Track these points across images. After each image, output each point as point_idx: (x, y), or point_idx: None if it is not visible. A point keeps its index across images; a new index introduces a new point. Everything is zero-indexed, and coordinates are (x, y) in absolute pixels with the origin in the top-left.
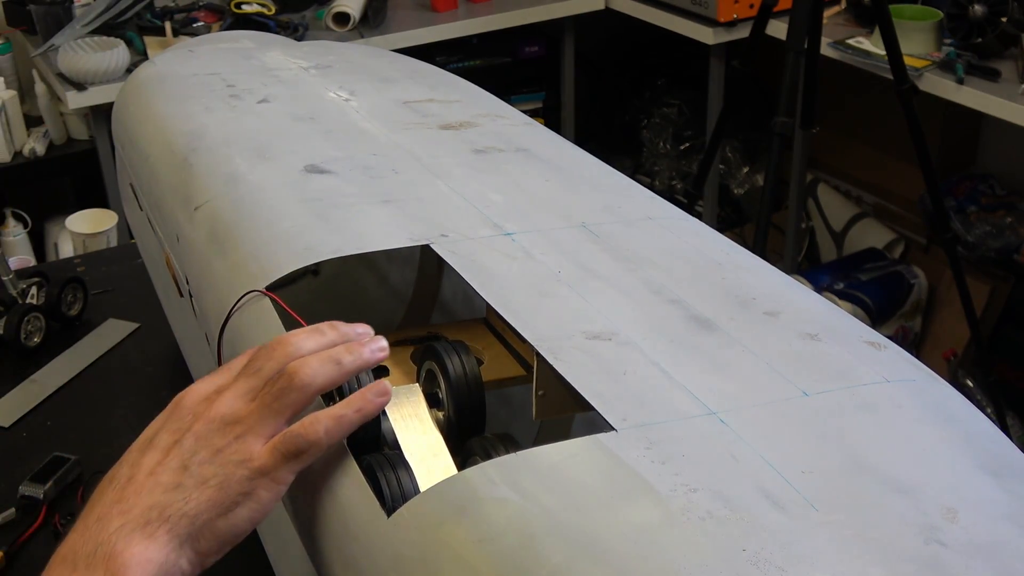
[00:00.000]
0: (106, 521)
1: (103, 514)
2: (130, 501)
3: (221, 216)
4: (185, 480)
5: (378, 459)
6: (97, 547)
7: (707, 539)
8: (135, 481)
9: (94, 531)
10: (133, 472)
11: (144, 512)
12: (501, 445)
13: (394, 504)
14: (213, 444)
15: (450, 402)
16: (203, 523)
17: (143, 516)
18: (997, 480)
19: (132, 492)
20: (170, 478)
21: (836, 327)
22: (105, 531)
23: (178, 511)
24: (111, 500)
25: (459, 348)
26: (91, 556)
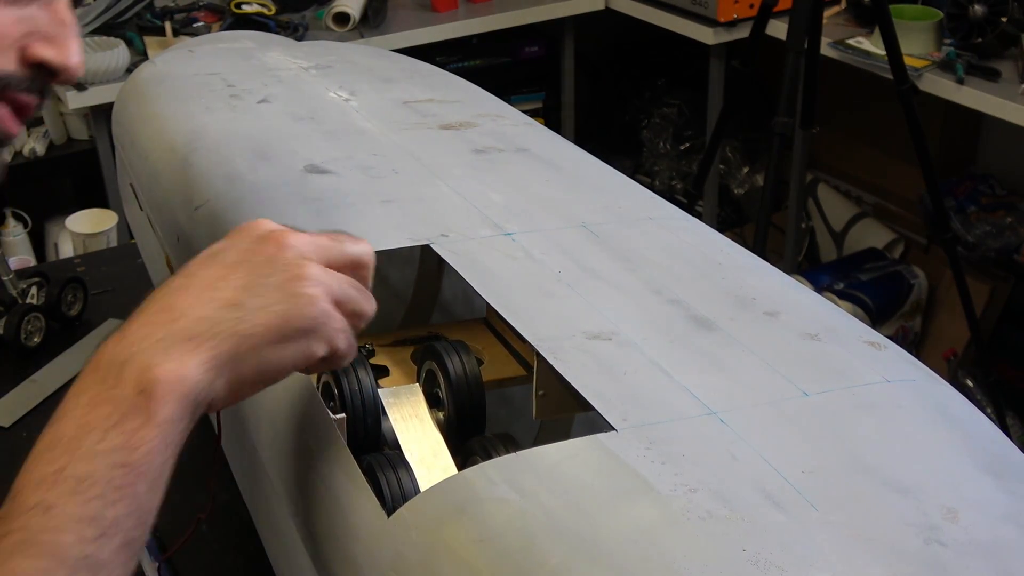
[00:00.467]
0: (148, 329)
1: (146, 322)
2: (178, 310)
3: (221, 216)
4: (247, 300)
5: (378, 459)
6: (131, 356)
7: (707, 539)
8: (188, 290)
9: (133, 339)
10: (188, 282)
11: (191, 324)
12: (501, 445)
13: (394, 504)
14: (288, 272)
15: (450, 402)
16: (251, 347)
17: (189, 329)
18: (997, 480)
19: (183, 301)
20: (230, 295)
21: (836, 327)
22: (145, 341)
23: (229, 329)
24: (157, 308)
25: (459, 348)
26: (123, 366)
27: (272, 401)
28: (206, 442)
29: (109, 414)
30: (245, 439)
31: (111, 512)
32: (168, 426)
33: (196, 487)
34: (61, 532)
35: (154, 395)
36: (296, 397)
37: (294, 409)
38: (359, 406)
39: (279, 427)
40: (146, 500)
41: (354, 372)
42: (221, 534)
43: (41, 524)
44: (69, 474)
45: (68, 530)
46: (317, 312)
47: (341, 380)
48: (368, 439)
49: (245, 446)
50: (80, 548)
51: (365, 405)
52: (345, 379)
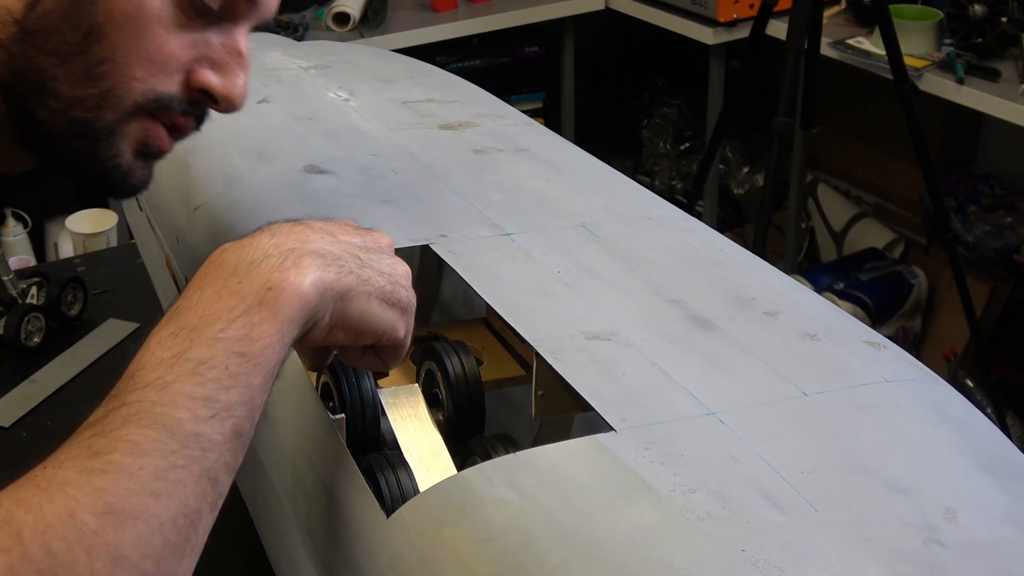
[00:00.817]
0: (279, 240)
1: (275, 236)
2: (309, 236)
3: (221, 216)
4: (364, 256)
5: (378, 459)
6: (264, 257)
7: (706, 539)
8: (313, 228)
9: (263, 245)
10: (310, 224)
11: (321, 249)
12: (500, 445)
13: (393, 504)
14: (391, 256)
15: (450, 403)
16: (364, 292)
17: (320, 251)
18: (996, 480)
19: (312, 233)
20: (351, 248)
21: (836, 327)
22: (277, 248)
23: (350, 268)
24: (286, 230)
25: (459, 348)
26: (253, 264)
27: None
28: None
29: (234, 306)
30: None
31: (225, 397)
32: (287, 326)
33: None
34: (176, 407)
35: (282, 292)
36: (295, 397)
37: (294, 409)
38: (358, 406)
39: (279, 427)
40: (258, 394)
41: (353, 372)
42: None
43: (157, 398)
44: (188, 357)
45: (183, 406)
46: (412, 299)
47: (340, 380)
48: (367, 439)
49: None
50: (193, 425)
51: (364, 405)
52: (344, 379)
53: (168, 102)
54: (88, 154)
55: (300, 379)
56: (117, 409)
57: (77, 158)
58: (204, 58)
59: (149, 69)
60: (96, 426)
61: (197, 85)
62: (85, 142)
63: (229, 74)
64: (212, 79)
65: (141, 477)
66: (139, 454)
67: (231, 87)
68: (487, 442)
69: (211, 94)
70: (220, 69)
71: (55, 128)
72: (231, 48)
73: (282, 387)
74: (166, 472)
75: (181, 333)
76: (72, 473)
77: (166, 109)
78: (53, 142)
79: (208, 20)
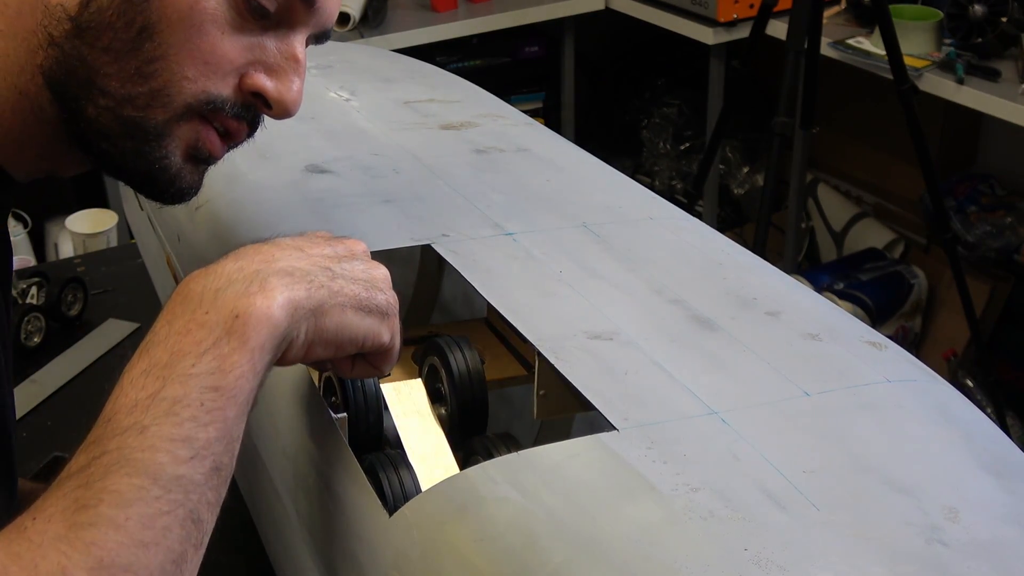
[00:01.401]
0: (243, 263)
1: (240, 260)
2: (273, 257)
3: (222, 216)
4: (335, 268)
5: (380, 458)
6: (229, 284)
7: (709, 538)
8: (280, 245)
9: (227, 271)
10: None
11: (288, 267)
12: (503, 445)
13: (396, 503)
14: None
15: (452, 397)
16: (338, 304)
17: (287, 269)
18: (998, 480)
19: (276, 253)
20: (320, 261)
21: (837, 327)
22: (241, 272)
23: (320, 282)
24: (250, 252)
25: (461, 343)
26: (218, 293)
27: (273, 400)
28: None
29: (203, 339)
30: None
31: (203, 434)
32: (258, 353)
33: None
34: (156, 451)
35: (250, 319)
36: (297, 396)
37: (295, 408)
38: (361, 403)
39: (280, 426)
40: (234, 426)
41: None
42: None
43: (136, 443)
44: (163, 397)
45: (162, 449)
46: (392, 300)
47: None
48: (369, 438)
49: (245, 445)
50: (174, 468)
51: (367, 403)
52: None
53: (220, 104)
54: (136, 154)
55: (302, 377)
56: (99, 458)
57: (125, 158)
58: (259, 62)
59: (201, 69)
60: (79, 476)
61: (250, 89)
62: (134, 142)
63: (284, 79)
64: (266, 83)
65: (129, 528)
66: (124, 504)
67: (285, 92)
68: (489, 441)
69: (265, 98)
70: (275, 74)
71: (104, 127)
72: (287, 53)
73: (284, 386)
74: (152, 520)
75: (153, 371)
76: (62, 528)
77: (218, 112)
78: (102, 140)
79: (265, 24)
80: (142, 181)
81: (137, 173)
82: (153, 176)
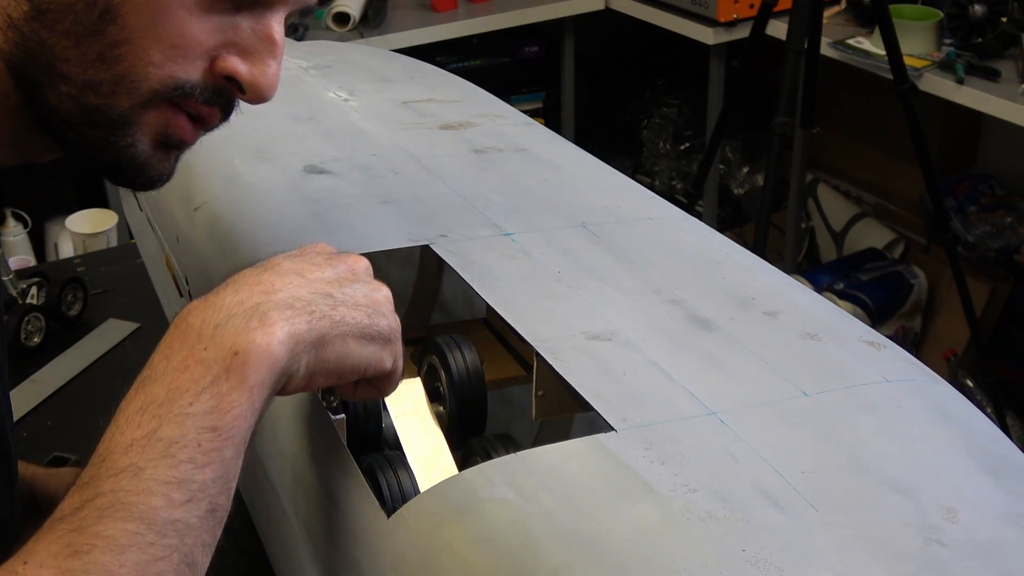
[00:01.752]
0: (243, 296)
1: (240, 291)
2: (273, 286)
3: (221, 216)
4: (337, 294)
5: (378, 460)
6: (228, 319)
7: (707, 539)
8: (278, 273)
9: (227, 304)
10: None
11: (288, 298)
12: (501, 445)
13: (394, 504)
14: (370, 284)
15: (451, 397)
16: (340, 334)
17: (286, 301)
18: (997, 480)
19: (276, 280)
20: (321, 287)
21: (836, 327)
22: (241, 306)
23: (322, 312)
24: (250, 282)
25: (461, 342)
26: (218, 328)
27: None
28: None
29: (201, 376)
30: None
31: (200, 476)
32: (257, 391)
33: None
34: (151, 495)
35: (250, 357)
36: (296, 398)
37: (294, 410)
38: (359, 406)
39: (279, 427)
40: (231, 466)
41: None
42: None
43: (131, 487)
44: (159, 437)
45: (158, 493)
46: (395, 324)
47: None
48: (368, 439)
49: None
50: (169, 512)
51: (366, 405)
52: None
53: (189, 90)
54: (102, 143)
55: None
56: (92, 500)
57: (91, 147)
58: (232, 44)
59: (168, 54)
60: (72, 519)
61: (222, 72)
62: (99, 130)
63: (259, 62)
64: (239, 66)
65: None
66: (118, 551)
67: (259, 75)
68: (487, 442)
69: (238, 82)
70: (249, 56)
71: (67, 115)
72: (263, 34)
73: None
74: (147, 566)
75: (150, 408)
76: (54, 574)
77: (187, 97)
78: (67, 129)
79: (238, 3)
80: (110, 170)
81: (104, 162)
82: (121, 165)
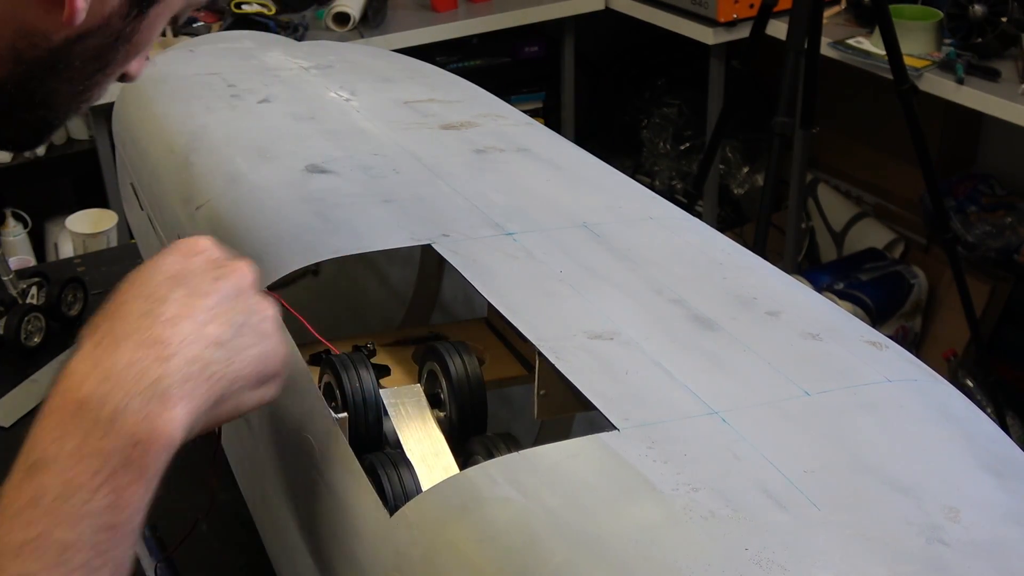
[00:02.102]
0: (139, 369)
1: (135, 359)
2: (169, 345)
3: (222, 216)
4: (230, 340)
5: (380, 458)
6: (126, 405)
7: (709, 538)
8: (167, 309)
9: (123, 380)
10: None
11: (185, 365)
12: (503, 444)
13: (396, 503)
14: (259, 312)
15: (452, 403)
16: (236, 390)
17: (183, 371)
18: (999, 480)
19: (169, 334)
20: (216, 330)
21: (837, 327)
22: (138, 384)
23: (220, 372)
24: (143, 340)
25: (461, 348)
26: (117, 415)
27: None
28: (206, 441)
29: (98, 469)
30: (246, 438)
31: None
32: (155, 480)
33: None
34: None
35: (151, 447)
36: (298, 396)
37: (295, 408)
38: (360, 405)
39: (280, 426)
40: (124, 560)
41: (355, 370)
42: (221, 533)
43: None
44: (54, 539)
45: None
46: (285, 358)
47: (343, 379)
48: (370, 438)
49: (246, 445)
50: None
51: (367, 404)
52: (347, 377)
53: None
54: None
55: (303, 378)
56: None
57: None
58: None
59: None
60: None
61: None
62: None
63: None
64: None
65: None
66: None
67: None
68: (489, 441)
69: None
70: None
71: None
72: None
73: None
74: None
75: (42, 503)
76: None
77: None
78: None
79: None
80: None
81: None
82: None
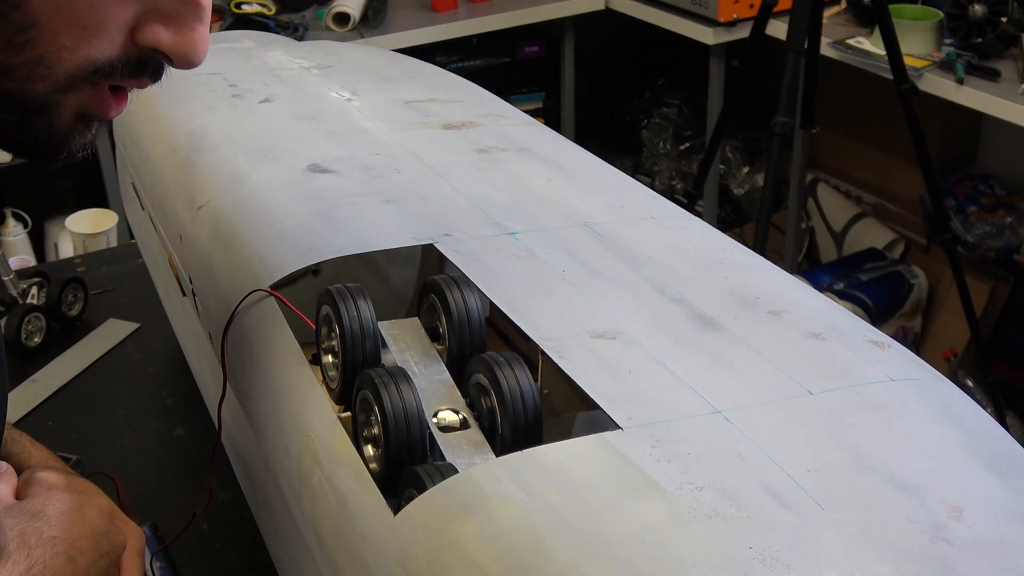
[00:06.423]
0: None
1: None
2: None
3: (224, 215)
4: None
5: (379, 372)
6: None
7: (714, 537)
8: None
9: None
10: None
11: None
12: (504, 361)
13: (397, 425)
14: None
15: (450, 336)
16: None
17: None
18: (1002, 479)
19: None
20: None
21: (840, 326)
22: None
23: None
24: None
25: (460, 281)
26: None
27: (275, 397)
28: (206, 440)
29: None
30: (247, 436)
31: None
32: None
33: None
34: None
35: None
36: (299, 393)
37: (297, 406)
38: (358, 334)
39: (282, 423)
40: None
41: (353, 301)
42: (223, 532)
43: None
44: None
45: None
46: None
47: (340, 309)
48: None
49: (247, 443)
50: None
51: (364, 333)
52: (344, 308)
53: (109, 70)
54: (20, 126)
55: (305, 376)
56: None
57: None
58: (152, 11)
59: (81, 35)
60: None
61: (144, 44)
62: (15, 114)
63: (183, 27)
64: (161, 35)
65: None
66: None
67: (185, 42)
68: (490, 359)
69: (162, 52)
70: (172, 22)
71: None
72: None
73: (286, 384)
74: None
75: None
76: None
77: (108, 77)
78: None
79: None
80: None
81: (23, 144)
82: (39, 146)
